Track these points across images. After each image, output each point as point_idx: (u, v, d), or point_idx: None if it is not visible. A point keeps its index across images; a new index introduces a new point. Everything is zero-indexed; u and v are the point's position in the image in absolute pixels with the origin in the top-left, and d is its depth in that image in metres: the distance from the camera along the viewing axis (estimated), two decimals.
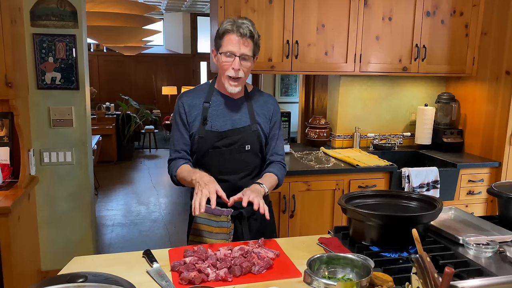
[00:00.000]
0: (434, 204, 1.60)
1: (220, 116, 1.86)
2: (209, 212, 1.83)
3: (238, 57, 1.75)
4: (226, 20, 1.79)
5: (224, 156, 1.85)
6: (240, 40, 1.74)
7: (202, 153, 1.86)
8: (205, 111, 1.85)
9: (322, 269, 1.38)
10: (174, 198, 5.68)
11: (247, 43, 1.75)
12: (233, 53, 1.75)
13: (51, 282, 1.14)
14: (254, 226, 1.91)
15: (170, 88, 11.00)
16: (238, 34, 1.73)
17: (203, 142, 1.84)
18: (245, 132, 1.87)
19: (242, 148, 1.87)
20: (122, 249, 4.03)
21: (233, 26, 1.73)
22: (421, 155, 3.46)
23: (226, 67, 1.78)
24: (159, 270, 1.42)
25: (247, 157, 1.89)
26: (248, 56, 1.77)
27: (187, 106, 1.87)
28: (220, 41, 1.77)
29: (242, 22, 1.75)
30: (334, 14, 3.04)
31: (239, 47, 1.74)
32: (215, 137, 1.83)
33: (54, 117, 3.05)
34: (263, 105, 1.94)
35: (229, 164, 1.86)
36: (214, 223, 1.84)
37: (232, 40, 1.74)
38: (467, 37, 3.32)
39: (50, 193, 3.14)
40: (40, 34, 2.94)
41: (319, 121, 3.57)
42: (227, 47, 1.75)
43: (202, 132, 1.84)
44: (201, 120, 1.84)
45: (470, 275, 1.36)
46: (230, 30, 1.73)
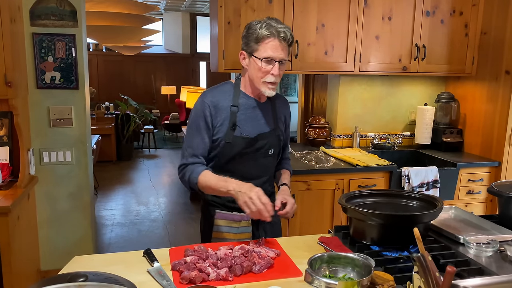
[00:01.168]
0: (435, 203, 1.60)
1: (248, 121, 1.79)
2: (230, 219, 1.81)
3: (277, 63, 1.70)
4: (257, 24, 1.70)
5: (250, 162, 1.81)
6: (280, 45, 1.68)
7: (227, 159, 1.79)
8: (234, 115, 1.76)
9: (323, 269, 1.38)
10: (174, 198, 5.68)
11: (286, 48, 1.71)
12: (273, 59, 1.69)
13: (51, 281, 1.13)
14: (268, 228, 1.91)
15: (169, 88, 11.00)
16: (279, 39, 1.68)
17: (230, 148, 1.77)
18: (270, 137, 1.84)
19: (267, 153, 1.84)
20: (121, 248, 4.02)
21: (271, 30, 1.66)
22: (420, 154, 3.46)
23: (264, 73, 1.71)
24: (159, 270, 1.41)
25: (270, 161, 1.89)
26: (286, 60, 1.73)
27: (213, 108, 1.75)
28: (256, 45, 1.69)
29: (279, 26, 1.68)
30: (334, 14, 3.04)
31: (279, 52, 1.69)
32: (244, 143, 1.77)
33: (53, 117, 3.05)
34: (281, 107, 1.93)
35: (253, 170, 1.82)
36: (236, 230, 1.81)
37: (272, 46, 1.67)
38: (467, 36, 3.32)
39: (50, 193, 3.14)
40: (39, 34, 2.93)
41: (318, 120, 3.57)
42: (267, 53, 1.68)
43: (229, 137, 1.75)
44: (230, 125, 1.75)
45: (471, 274, 1.36)
46: (269, 35, 1.66)
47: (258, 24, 1.70)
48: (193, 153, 1.77)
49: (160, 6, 10.53)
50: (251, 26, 1.72)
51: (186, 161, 1.77)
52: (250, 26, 1.73)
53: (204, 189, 1.73)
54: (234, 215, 1.81)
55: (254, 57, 1.71)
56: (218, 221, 1.83)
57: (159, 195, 5.78)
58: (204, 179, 1.71)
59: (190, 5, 10.44)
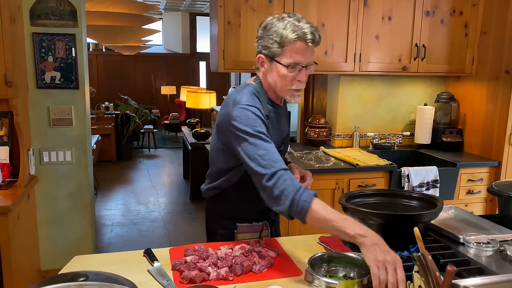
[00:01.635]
0: (435, 203, 1.60)
1: (274, 129, 1.65)
2: (252, 231, 1.72)
3: (304, 68, 1.52)
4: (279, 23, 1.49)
5: None
6: (307, 48, 1.49)
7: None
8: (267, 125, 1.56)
9: (323, 268, 1.38)
10: (173, 198, 5.68)
11: (313, 50, 1.52)
12: (300, 64, 1.50)
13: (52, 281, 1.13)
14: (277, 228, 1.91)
15: (169, 88, 11.00)
16: (307, 42, 1.48)
17: None
18: (287, 140, 1.78)
19: (283, 155, 1.75)
20: (121, 248, 4.02)
21: (297, 32, 1.46)
22: (420, 154, 3.46)
23: (290, 80, 1.53)
24: (160, 269, 1.41)
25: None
26: (312, 63, 1.55)
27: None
28: (279, 50, 1.49)
29: (306, 27, 1.47)
30: (334, 14, 3.04)
31: (306, 56, 1.50)
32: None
33: (53, 117, 3.05)
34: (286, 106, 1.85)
35: None
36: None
37: (299, 50, 1.48)
38: (467, 36, 3.32)
39: (50, 193, 3.14)
40: (39, 33, 2.93)
41: (318, 120, 3.57)
42: (293, 58, 1.49)
43: None
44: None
45: (471, 273, 1.36)
46: (296, 38, 1.46)
47: (279, 24, 1.49)
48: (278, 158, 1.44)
49: (160, 6, 10.53)
50: (271, 26, 1.52)
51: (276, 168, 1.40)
52: (269, 26, 1.53)
53: (311, 220, 1.35)
54: (255, 226, 1.73)
55: (277, 62, 1.52)
56: (240, 235, 1.71)
57: (159, 195, 5.78)
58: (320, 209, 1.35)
59: (190, 5, 10.44)
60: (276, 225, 1.92)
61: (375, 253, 1.19)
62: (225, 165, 1.66)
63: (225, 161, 1.66)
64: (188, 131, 6.04)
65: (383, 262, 1.17)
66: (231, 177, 1.66)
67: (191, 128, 6.05)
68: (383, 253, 1.19)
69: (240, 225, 1.73)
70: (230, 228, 1.74)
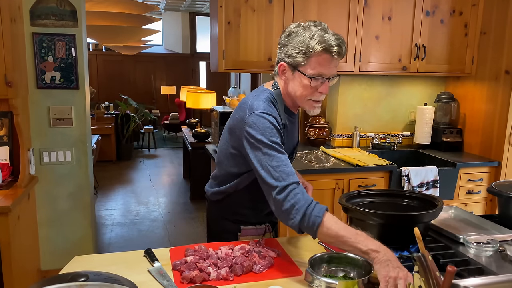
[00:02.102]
0: (435, 203, 1.60)
1: (288, 137, 1.64)
2: (255, 234, 1.73)
3: (327, 80, 1.50)
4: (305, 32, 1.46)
5: None
6: (333, 60, 1.47)
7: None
8: (283, 135, 1.55)
9: (323, 268, 1.38)
10: (173, 198, 5.68)
11: (337, 62, 1.50)
12: (324, 76, 1.48)
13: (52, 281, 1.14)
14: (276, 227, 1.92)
15: (169, 88, 10.99)
16: (333, 55, 1.45)
17: None
18: (296, 147, 1.79)
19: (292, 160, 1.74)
20: (121, 248, 4.02)
21: (324, 44, 1.43)
22: (420, 154, 3.46)
23: (311, 91, 1.50)
24: (160, 269, 1.41)
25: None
26: (336, 75, 1.53)
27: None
28: (304, 59, 1.46)
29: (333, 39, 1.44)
30: (334, 14, 3.05)
31: (331, 69, 1.48)
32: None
33: (53, 117, 3.05)
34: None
35: None
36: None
37: (324, 61, 1.45)
38: (467, 36, 3.32)
39: (50, 193, 3.14)
40: (39, 34, 2.93)
41: (318, 120, 3.57)
42: (317, 70, 1.46)
43: None
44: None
45: (471, 274, 1.36)
46: (322, 49, 1.43)
47: (305, 33, 1.46)
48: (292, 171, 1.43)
49: (159, 6, 10.52)
50: (296, 34, 1.48)
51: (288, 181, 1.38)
52: (293, 35, 1.49)
53: (323, 235, 1.33)
54: (258, 229, 1.74)
55: (301, 72, 1.49)
56: (243, 238, 1.72)
57: (159, 195, 5.78)
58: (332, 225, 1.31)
59: (190, 5, 10.44)
60: (276, 226, 1.93)
61: (387, 268, 1.19)
62: (235, 170, 1.64)
63: (235, 166, 1.63)
64: (188, 131, 6.05)
65: (395, 278, 1.17)
66: (240, 183, 1.64)
67: (191, 128, 6.06)
68: (396, 269, 1.19)
69: (244, 228, 1.73)
70: (234, 231, 1.73)
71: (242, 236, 1.72)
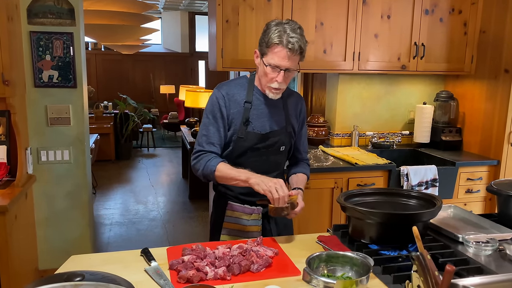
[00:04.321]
0: (434, 202, 1.59)
1: (260, 117, 1.82)
2: (241, 211, 1.84)
3: (283, 71, 1.70)
4: (274, 27, 1.68)
5: (262, 157, 1.84)
6: (287, 54, 1.66)
7: (239, 153, 1.82)
8: (247, 111, 1.79)
9: (321, 267, 1.37)
10: (172, 197, 5.67)
11: (294, 57, 1.69)
12: (278, 66, 1.69)
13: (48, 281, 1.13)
14: (280, 222, 1.94)
15: (168, 87, 10.98)
16: (287, 49, 1.66)
17: (242, 143, 1.80)
18: (282, 134, 1.87)
19: (278, 149, 1.88)
20: (120, 248, 4.01)
21: (282, 38, 1.65)
22: (419, 153, 3.45)
23: (269, 78, 1.73)
24: (157, 269, 1.41)
25: (281, 157, 1.93)
26: (293, 69, 1.72)
27: (227, 100, 1.79)
28: (266, 49, 1.70)
29: (292, 36, 1.65)
30: (333, 12, 3.03)
31: (286, 61, 1.68)
32: (255, 138, 1.80)
33: (51, 116, 3.04)
34: (295, 105, 1.95)
35: (265, 165, 1.85)
36: (246, 222, 1.85)
37: (279, 54, 1.67)
38: (466, 35, 3.31)
39: (48, 192, 3.13)
40: (37, 32, 2.92)
41: (317, 119, 3.56)
42: (274, 60, 1.68)
43: (242, 133, 1.79)
44: (243, 120, 1.79)
45: (470, 273, 1.36)
46: (278, 43, 1.65)
47: (274, 27, 1.68)
48: (209, 141, 1.78)
49: (158, 5, 10.51)
50: (268, 27, 1.71)
51: (202, 148, 1.78)
52: (268, 27, 1.71)
53: (219, 178, 1.74)
54: (246, 208, 1.86)
55: (262, 60, 1.73)
56: (230, 212, 1.87)
57: (157, 194, 5.77)
58: (223, 168, 1.72)
59: (189, 4, 10.43)
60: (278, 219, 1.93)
61: (262, 185, 1.61)
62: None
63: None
64: (187, 130, 6.04)
65: (270, 186, 1.59)
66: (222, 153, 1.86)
67: (190, 127, 6.05)
68: (269, 182, 1.61)
69: (231, 203, 1.86)
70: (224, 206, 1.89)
71: (229, 210, 1.87)
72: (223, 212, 1.88)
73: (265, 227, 1.90)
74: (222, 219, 1.88)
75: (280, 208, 1.63)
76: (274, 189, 1.59)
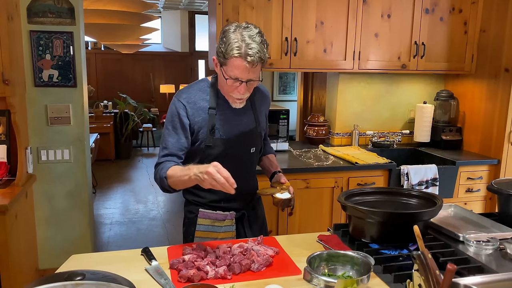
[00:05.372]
0: (434, 201, 1.59)
1: (227, 121, 1.73)
2: (213, 218, 1.79)
3: (245, 82, 1.60)
4: (232, 34, 1.55)
5: (233, 161, 1.72)
6: (247, 67, 1.55)
7: (209, 160, 1.64)
8: (212, 118, 1.70)
9: (322, 267, 1.37)
10: (172, 197, 5.67)
11: (256, 68, 1.58)
12: (240, 79, 1.59)
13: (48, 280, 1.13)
14: (254, 224, 1.91)
15: (168, 87, 10.97)
16: (246, 62, 1.54)
17: (210, 151, 1.72)
18: (252, 135, 1.81)
19: (248, 152, 1.82)
20: (120, 247, 4.01)
21: (240, 50, 1.52)
22: (420, 152, 3.45)
23: (231, 89, 1.64)
24: (157, 268, 1.40)
25: (252, 159, 1.87)
26: (255, 80, 1.63)
27: (190, 109, 1.70)
28: (225, 60, 1.57)
29: (251, 46, 1.53)
30: (333, 11, 3.03)
31: (246, 73, 1.57)
32: (223, 144, 1.73)
33: (51, 115, 3.03)
34: (262, 101, 1.90)
35: (237, 168, 1.72)
36: (219, 229, 1.79)
37: (239, 67, 1.55)
38: (466, 34, 3.31)
39: (48, 191, 3.13)
40: (37, 31, 2.92)
41: (317, 118, 3.56)
42: (234, 73, 1.57)
43: (210, 141, 1.71)
44: (209, 128, 1.70)
45: (471, 272, 1.36)
46: (237, 56, 1.53)
47: (232, 35, 1.55)
48: (167, 153, 1.70)
49: (158, 4, 10.50)
50: (226, 34, 1.58)
51: (158, 161, 1.71)
52: (225, 33, 1.59)
53: (173, 185, 1.63)
54: (218, 214, 1.80)
55: (222, 71, 1.62)
56: (201, 220, 1.81)
57: (157, 194, 5.76)
58: (171, 173, 1.61)
59: (189, 3, 10.42)
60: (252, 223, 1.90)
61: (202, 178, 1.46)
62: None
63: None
64: None
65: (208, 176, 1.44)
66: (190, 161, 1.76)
67: None
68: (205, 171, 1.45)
69: (202, 211, 1.81)
70: (195, 214, 1.83)
71: (200, 218, 1.81)
72: (194, 221, 1.82)
73: (239, 232, 1.85)
74: (194, 227, 1.82)
75: (288, 200, 1.61)
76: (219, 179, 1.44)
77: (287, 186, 1.73)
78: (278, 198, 1.65)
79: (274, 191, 1.71)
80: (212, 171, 1.44)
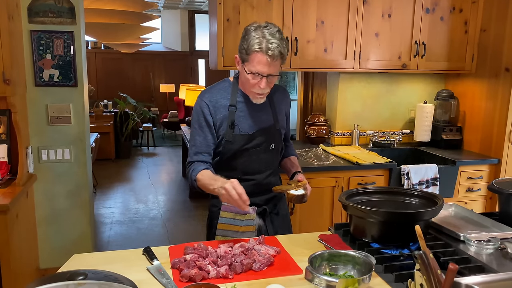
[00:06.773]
0: (435, 200, 1.59)
1: (246, 118, 1.82)
2: (235, 212, 1.83)
3: (265, 77, 1.69)
4: (253, 32, 1.65)
5: (251, 157, 1.84)
6: (268, 61, 1.64)
7: (229, 155, 1.83)
8: (232, 114, 1.80)
9: (324, 266, 1.37)
10: (173, 196, 5.67)
11: (276, 63, 1.67)
12: (261, 73, 1.68)
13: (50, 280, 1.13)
14: (276, 221, 1.95)
15: (168, 86, 10.97)
16: (267, 56, 1.63)
17: (230, 146, 1.81)
18: (270, 132, 1.87)
19: (267, 148, 1.88)
20: (120, 247, 4.02)
21: (261, 45, 1.62)
22: (420, 152, 3.45)
23: (252, 84, 1.72)
24: (159, 268, 1.41)
25: (272, 155, 1.92)
26: (275, 75, 1.71)
27: (212, 107, 1.80)
28: (246, 56, 1.68)
29: (271, 42, 1.63)
30: (334, 11, 3.03)
31: (267, 68, 1.66)
32: (243, 140, 1.81)
33: (52, 115, 3.03)
34: (281, 100, 1.95)
35: (255, 164, 1.86)
36: (240, 222, 1.83)
37: (260, 61, 1.65)
38: (467, 34, 3.31)
39: (49, 191, 3.13)
40: (37, 31, 2.92)
41: (318, 118, 3.56)
42: (255, 67, 1.67)
43: (229, 136, 1.80)
44: (229, 124, 1.79)
45: (472, 271, 1.36)
46: (258, 50, 1.63)
47: (253, 33, 1.66)
48: (196, 151, 1.81)
49: (158, 4, 10.50)
50: (247, 32, 1.68)
51: (190, 159, 1.83)
52: (246, 32, 1.69)
53: (201, 187, 1.77)
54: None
55: (243, 67, 1.72)
56: (223, 213, 1.86)
57: (158, 193, 5.77)
58: (201, 178, 1.75)
59: (189, 2, 10.41)
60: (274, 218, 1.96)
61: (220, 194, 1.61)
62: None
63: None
64: (187, 129, 6.02)
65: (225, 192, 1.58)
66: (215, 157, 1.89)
67: (190, 126, 6.03)
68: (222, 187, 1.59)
69: (225, 204, 1.84)
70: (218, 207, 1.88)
71: (223, 211, 1.85)
72: (217, 212, 1.88)
73: (260, 227, 1.89)
74: (216, 220, 1.87)
75: (301, 196, 1.68)
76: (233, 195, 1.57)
77: (303, 184, 1.77)
78: (291, 194, 1.72)
79: (289, 188, 1.77)
80: (228, 188, 1.57)
